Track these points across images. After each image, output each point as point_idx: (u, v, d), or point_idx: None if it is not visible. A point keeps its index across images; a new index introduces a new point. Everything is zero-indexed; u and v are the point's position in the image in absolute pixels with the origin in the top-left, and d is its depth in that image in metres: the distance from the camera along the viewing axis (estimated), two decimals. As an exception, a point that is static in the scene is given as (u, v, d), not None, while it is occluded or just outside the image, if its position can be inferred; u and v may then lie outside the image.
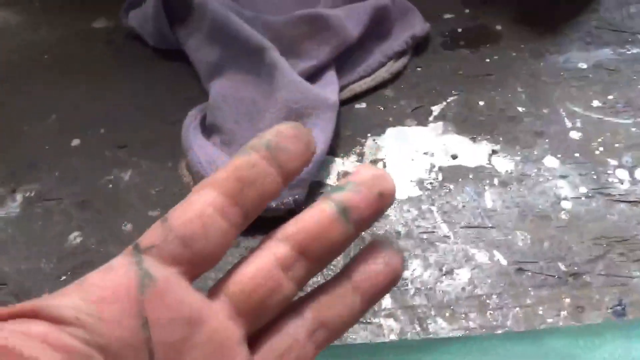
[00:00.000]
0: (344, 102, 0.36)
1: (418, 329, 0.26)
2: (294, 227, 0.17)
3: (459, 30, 0.41)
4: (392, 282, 0.18)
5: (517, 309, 0.27)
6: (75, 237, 0.31)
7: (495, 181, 0.32)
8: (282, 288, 0.16)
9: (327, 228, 0.16)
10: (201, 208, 0.15)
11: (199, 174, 0.30)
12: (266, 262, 0.16)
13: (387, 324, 0.26)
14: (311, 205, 0.17)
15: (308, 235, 0.16)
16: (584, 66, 0.38)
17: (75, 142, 0.36)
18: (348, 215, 0.16)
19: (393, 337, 0.26)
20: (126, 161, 0.35)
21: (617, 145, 0.33)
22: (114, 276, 0.15)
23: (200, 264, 0.16)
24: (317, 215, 0.17)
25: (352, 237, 0.17)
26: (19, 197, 0.33)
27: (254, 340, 0.17)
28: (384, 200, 0.17)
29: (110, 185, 0.33)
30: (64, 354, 0.13)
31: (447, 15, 0.43)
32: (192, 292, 0.16)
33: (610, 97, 0.35)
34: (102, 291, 0.14)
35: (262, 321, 0.17)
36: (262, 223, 0.22)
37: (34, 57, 0.43)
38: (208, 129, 0.33)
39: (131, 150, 0.35)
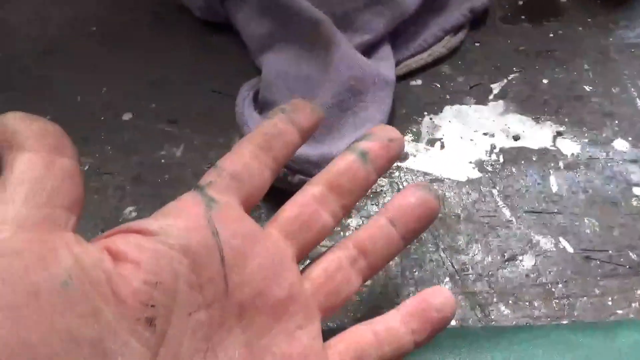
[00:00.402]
0: (399, 79, 0.35)
1: (479, 315, 0.25)
2: (324, 172, 0.21)
3: (520, 2, 0.39)
4: (426, 217, 0.21)
5: (585, 298, 0.26)
6: (130, 212, 0.31)
7: (561, 164, 0.30)
8: (320, 217, 0.20)
9: (351, 167, 0.21)
10: (242, 153, 0.20)
11: (254, 151, 0.29)
12: (305, 198, 0.20)
13: (448, 310, 0.26)
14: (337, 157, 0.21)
15: (336, 175, 0.21)
16: (657, 42, 0.35)
17: (127, 116, 0.36)
18: (366, 157, 0.21)
19: (453, 322, 0.25)
20: (178, 136, 0.34)
21: (694, 128, 0.31)
22: (184, 201, 0.18)
23: (248, 197, 0.19)
24: (341, 160, 0.21)
25: (373, 176, 0.21)
26: (74, 170, 0.33)
27: (304, 271, 0.20)
28: (393, 145, 0.21)
29: (163, 161, 0.33)
30: (156, 255, 0.16)
31: (507, -13, 0.40)
32: (248, 217, 0.19)
33: (686, 76, 0.33)
34: (176, 211, 0.18)
35: (307, 244, 0.20)
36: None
37: (82, 30, 0.42)
38: (261, 105, 0.32)
39: (182, 125, 0.35)
